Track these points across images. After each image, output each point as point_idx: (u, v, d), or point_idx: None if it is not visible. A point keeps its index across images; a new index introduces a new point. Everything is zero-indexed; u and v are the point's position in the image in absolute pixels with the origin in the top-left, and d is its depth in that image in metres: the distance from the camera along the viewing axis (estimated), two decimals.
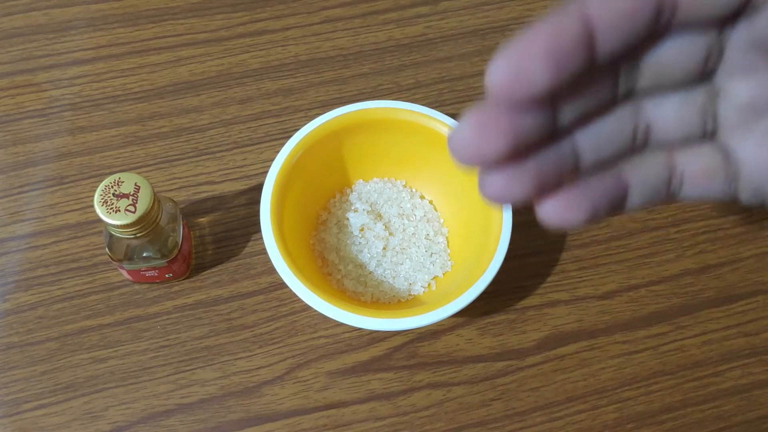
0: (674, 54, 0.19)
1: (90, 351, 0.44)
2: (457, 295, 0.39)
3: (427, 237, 0.47)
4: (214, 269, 0.47)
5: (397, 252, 0.46)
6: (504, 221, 0.41)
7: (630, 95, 0.20)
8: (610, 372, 0.45)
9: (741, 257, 0.49)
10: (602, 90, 0.19)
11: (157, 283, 0.46)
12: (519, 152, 0.18)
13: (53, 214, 0.48)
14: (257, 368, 0.44)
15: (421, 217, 0.48)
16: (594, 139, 0.20)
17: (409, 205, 0.48)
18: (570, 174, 0.20)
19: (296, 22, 0.57)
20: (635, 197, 0.21)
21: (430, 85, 0.54)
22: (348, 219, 0.47)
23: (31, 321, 0.45)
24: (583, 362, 0.46)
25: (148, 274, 0.44)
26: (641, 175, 0.21)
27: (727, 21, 0.19)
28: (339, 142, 0.45)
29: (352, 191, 0.49)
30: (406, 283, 0.45)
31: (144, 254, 0.42)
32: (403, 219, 0.47)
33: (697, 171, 0.21)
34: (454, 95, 0.54)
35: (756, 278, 0.49)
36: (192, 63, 0.54)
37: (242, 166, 0.51)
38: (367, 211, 0.47)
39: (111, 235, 0.41)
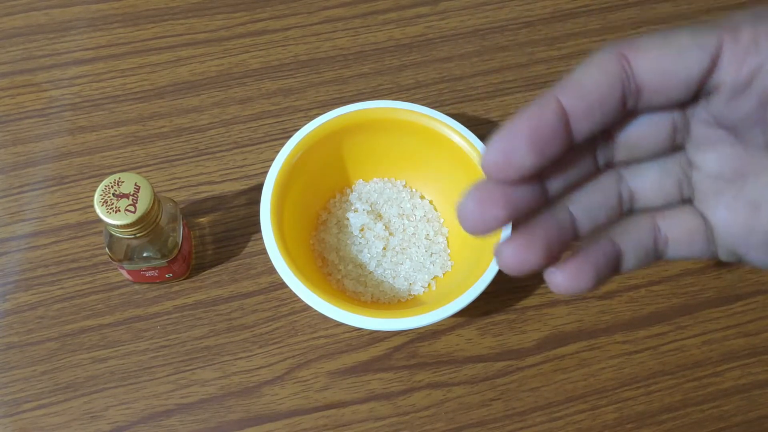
0: (644, 131, 0.22)
1: (90, 351, 0.44)
2: (457, 295, 0.39)
3: (427, 237, 0.47)
4: (214, 269, 0.47)
5: (397, 252, 0.46)
6: None
7: (610, 166, 0.23)
8: (610, 372, 0.45)
9: None
10: (583, 163, 0.22)
11: (157, 283, 0.46)
12: (518, 220, 0.21)
13: (53, 214, 0.48)
14: (257, 368, 0.44)
15: (421, 217, 0.48)
16: (586, 208, 0.23)
17: (409, 205, 0.48)
18: (573, 241, 0.23)
19: (296, 22, 0.57)
20: (629, 260, 0.23)
21: (430, 85, 0.54)
22: (348, 219, 0.47)
23: (31, 321, 0.45)
24: (583, 362, 0.46)
25: (148, 274, 0.44)
26: (631, 239, 0.23)
27: (688, 103, 0.21)
28: (339, 142, 0.45)
29: (352, 191, 0.49)
30: (406, 283, 0.45)
31: (144, 254, 0.42)
32: (403, 219, 0.47)
33: (678, 234, 0.23)
34: (454, 95, 0.54)
35: (756, 278, 0.49)
36: (192, 63, 0.54)
37: (242, 166, 0.51)
38: (367, 211, 0.47)
39: (111, 235, 0.41)
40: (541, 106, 0.20)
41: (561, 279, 0.22)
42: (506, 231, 0.22)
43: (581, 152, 0.22)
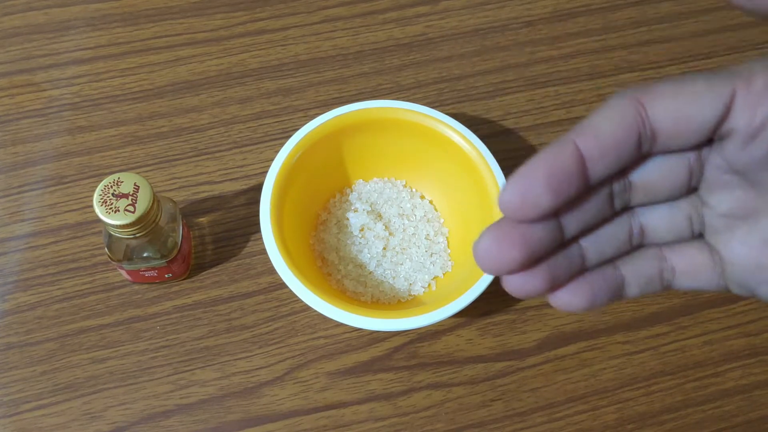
0: (661, 174, 0.22)
1: (89, 351, 0.44)
2: (458, 295, 0.39)
3: (427, 237, 0.47)
4: (213, 269, 0.47)
5: (397, 252, 0.46)
6: None
7: (626, 209, 0.24)
8: (610, 372, 0.45)
9: None
10: (601, 206, 0.23)
11: (156, 283, 0.46)
12: (533, 261, 0.22)
13: (52, 214, 0.48)
14: (257, 369, 0.44)
15: (421, 217, 0.47)
16: (596, 242, 0.23)
17: (409, 205, 0.48)
18: (578, 272, 0.23)
19: (296, 21, 0.57)
20: (632, 287, 0.24)
21: (430, 85, 0.54)
22: (348, 219, 0.47)
23: (31, 321, 0.45)
24: (584, 363, 0.45)
25: (147, 274, 0.44)
26: (636, 269, 0.24)
27: (703, 146, 0.22)
28: (339, 142, 0.45)
29: (352, 191, 0.48)
30: (406, 284, 0.45)
31: (143, 254, 0.42)
32: (403, 219, 0.47)
33: (686, 266, 0.24)
34: (454, 95, 0.54)
35: None
36: (191, 63, 0.54)
37: (242, 166, 0.50)
38: (367, 211, 0.47)
39: (110, 235, 0.41)
40: (558, 149, 0.20)
41: (558, 296, 0.23)
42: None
43: (598, 197, 0.22)
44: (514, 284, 0.22)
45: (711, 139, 0.21)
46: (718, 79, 0.20)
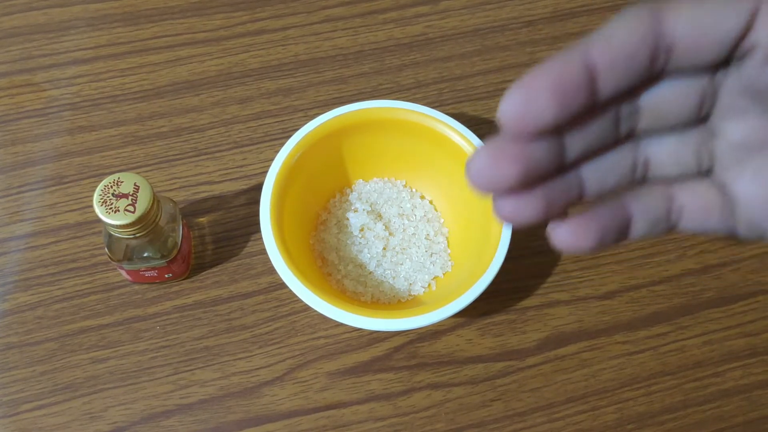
0: (672, 98, 0.21)
1: (89, 351, 0.44)
2: (457, 295, 0.39)
3: (427, 237, 0.47)
4: (213, 269, 0.47)
5: (397, 252, 0.46)
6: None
7: (631, 135, 0.22)
8: (610, 372, 0.45)
9: (741, 257, 0.49)
10: (605, 129, 0.21)
11: (156, 283, 0.46)
12: (530, 182, 0.20)
13: (52, 214, 0.48)
14: (257, 369, 0.44)
15: (421, 217, 0.47)
16: (597, 170, 0.22)
17: (409, 205, 0.48)
18: (575, 201, 0.22)
19: (296, 21, 0.57)
20: (638, 227, 0.22)
21: (430, 85, 0.54)
22: (348, 219, 0.47)
23: (31, 321, 0.45)
24: (584, 363, 0.45)
25: (147, 274, 0.44)
26: (643, 207, 0.22)
27: (719, 67, 0.20)
28: (339, 142, 0.45)
29: (352, 191, 0.48)
30: (406, 283, 0.45)
31: (143, 254, 0.42)
32: (403, 219, 0.47)
33: (693, 206, 0.22)
34: (454, 95, 0.54)
35: (756, 278, 0.48)
36: (191, 63, 0.54)
37: (242, 166, 0.50)
38: (367, 211, 0.47)
39: (110, 235, 0.41)
40: (566, 58, 0.19)
41: (563, 234, 0.21)
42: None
43: (604, 117, 0.21)
44: (507, 208, 0.21)
45: (729, 61, 0.20)
46: None
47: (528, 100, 0.19)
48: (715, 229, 0.22)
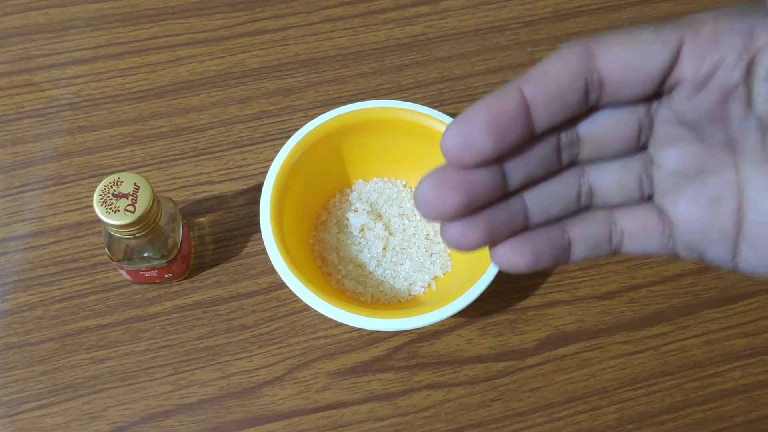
0: (610, 128, 0.22)
1: (89, 351, 0.44)
2: (457, 295, 0.39)
3: (427, 237, 0.47)
4: (213, 269, 0.47)
5: (397, 252, 0.46)
6: None
7: (573, 164, 0.23)
8: (610, 372, 0.45)
9: None
10: (547, 158, 0.22)
11: (156, 283, 0.46)
12: (473, 209, 0.21)
13: (52, 214, 0.48)
14: (257, 369, 0.44)
15: (421, 217, 0.47)
16: (541, 198, 0.23)
17: (409, 205, 0.48)
18: (520, 228, 0.22)
19: (296, 21, 0.57)
20: (578, 250, 0.23)
21: (430, 85, 0.54)
22: (348, 219, 0.47)
23: (31, 321, 0.45)
24: (584, 363, 0.45)
25: (147, 274, 0.44)
26: (584, 231, 0.23)
27: (652, 98, 0.21)
28: (339, 142, 0.45)
29: (352, 191, 0.48)
30: (406, 283, 0.45)
31: (143, 254, 0.42)
32: (403, 219, 0.47)
33: (634, 229, 0.23)
34: (454, 95, 0.54)
35: (756, 278, 0.48)
36: (191, 63, 0.54)
37: (242, 166, 0.50)
38: (367, 211, 0.47)
39: (110, 235, 0.41)
40: (502, 94, 0.20)
41: (500, 254, 0.22)
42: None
43: (545, 148, 0.22)
44: (452, 234, 0.21)
45: (660, 93, 0.21)
46: (667, 28, 0.20)
47: (466, 134, 0.20)
48: (656, 250, 0.23)
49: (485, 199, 0.21)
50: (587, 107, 0.21)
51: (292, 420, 0.43)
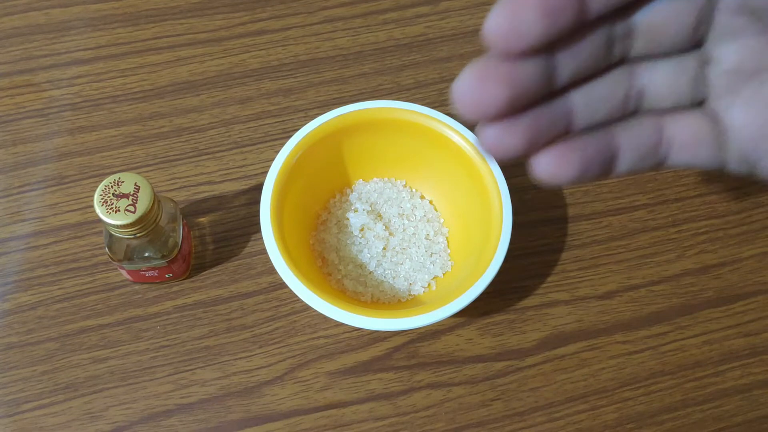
0: (666, 17, 0.20)
1: (90, 351, 0.44)
2: (457, 295, 0.39)
3: (427, 237, 0.47)
4: (214, 269, 0.47)
5: (397, 252, 0.46)
6: (504, 221, 0.41)
7: (624, 61, 0.21)
8: (610, 372, 0.45)
9: (741, 257, 0.49)
10: (598, 51, 0.20)
11: (156, 283, 0.46)
12: (517, 107, 0.19)
13: (53, 214, 0.48)
14: (257, 368, 0.44)
15: (421, 217, 0.47)
16: (588, 99, 0.20)
17: (409, 205, 0.48)
18: (563, 133, 0.20)
19: (296, 22, 0.57)
20: (625, 160, 0.21)
21: (430, 85, 0.54)
22: (348, 219, 0.47)
23: (31, 321, 0.45)
24: (583, 362, 0.46)
25: (147, 274, 0.44)
26: (631, 139, 0.21)
27: None
28: (339, 142, 0.45)
29: (352, 191, 0.48)
30: (406, 283, 0.45)
31: (144, 254, 0.42)
32: (403, 219, 0.47)
33: (684, 137, 0.21)
34: None
35: (756, 278, 0.48)
36: (192, 63, 0.54)
37: (242, 166, 0.51)
38: (367, 211, 0.47)
39: (111, 235, 0.41)
40: None
41: (544, 163, 0.20)
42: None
43: (597, 38, 0.20)
44: (490, 137, 0.19)
45: None
46: None
47: (515, 15, 0.18)
48: (705, 162, 0.22)
49: (531, 96, 0.19)
50: None
51: (293, 419, 0.43)
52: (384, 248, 0.46)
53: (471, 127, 0.45)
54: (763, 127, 0.20)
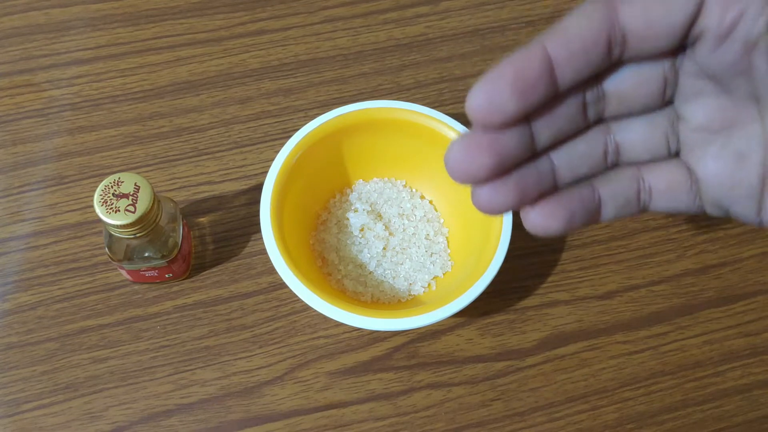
0: (635, 83, 0.22)
1: (90, 351, 0.44)
2: (457, 295, 0.39)
3: (427, 237, 0.47)
4: (214, 269, 0.47)
5: (397, 252, 0.46)
6: (504, 221, 0.41)
7: (601, 121, 0.23)
8: (610, 372, 0.45)
9: (741, 257, 0.49)
10: (573, 115, 0.22)
11: (156, 283, 0.46)
12: (503, 170, 0.21)
13: (53, 214, 0.48)
14: (257, 368, 0.44)
15: (421, 217, 0.47)
16: (569, 157, 0.23)
17: (409, 205, 0.48)
18: (549, 188, 0.22)
19: (296, 21, 0.57)
20: (608, 209, 0.23)
21: (430, 85, 0.54)
22: (348, 219, 0.47)
23: (31, 321, 0.45)
24: (584, 362, 0.46)
25: (147, 274, 0.44)
26: (612, 190, 0.23)
27: (676, 52, 0.21)
28: (339, 142, 0.45)
29: (352, 191, 0.48)
30: (406, 283, 0.45)
31: (144, 254, 0.42)
32: (403, 219, 0.47)
33: (663, 186, 0.23)
34: (454, 95, 0.54)
35: (756, 278, 0.48)
36: (192, 63, 0.54)
37: (242, 166, 0.50)
38: (367, 211, 0.47)
39: (111, 235, 0.41)
40: (525, 52, 0.20)
41: (533, 217, 0.22)
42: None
43: (570, 105, 0.22)
44: (483, 197, 0.22)
45: (684, 46, 0.21)
46: None
47: (492, 95, 0.20)
48: (684, 207, 0.23)
49: (514, 160, 0.21)
50: (611, 63, 0.21)
51: (293, 419, 0.43)
52: (384, 248, 0.46)
53: (471, 127, 0.45)
54: (732, 178, 0.22)
